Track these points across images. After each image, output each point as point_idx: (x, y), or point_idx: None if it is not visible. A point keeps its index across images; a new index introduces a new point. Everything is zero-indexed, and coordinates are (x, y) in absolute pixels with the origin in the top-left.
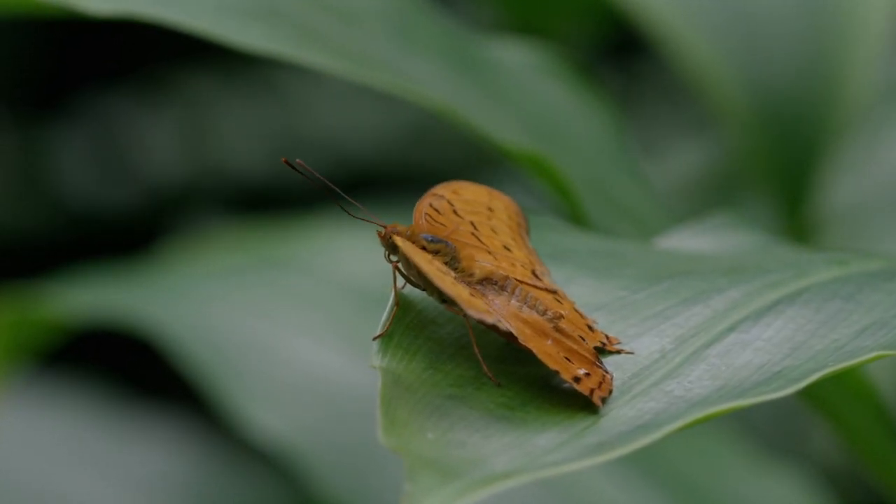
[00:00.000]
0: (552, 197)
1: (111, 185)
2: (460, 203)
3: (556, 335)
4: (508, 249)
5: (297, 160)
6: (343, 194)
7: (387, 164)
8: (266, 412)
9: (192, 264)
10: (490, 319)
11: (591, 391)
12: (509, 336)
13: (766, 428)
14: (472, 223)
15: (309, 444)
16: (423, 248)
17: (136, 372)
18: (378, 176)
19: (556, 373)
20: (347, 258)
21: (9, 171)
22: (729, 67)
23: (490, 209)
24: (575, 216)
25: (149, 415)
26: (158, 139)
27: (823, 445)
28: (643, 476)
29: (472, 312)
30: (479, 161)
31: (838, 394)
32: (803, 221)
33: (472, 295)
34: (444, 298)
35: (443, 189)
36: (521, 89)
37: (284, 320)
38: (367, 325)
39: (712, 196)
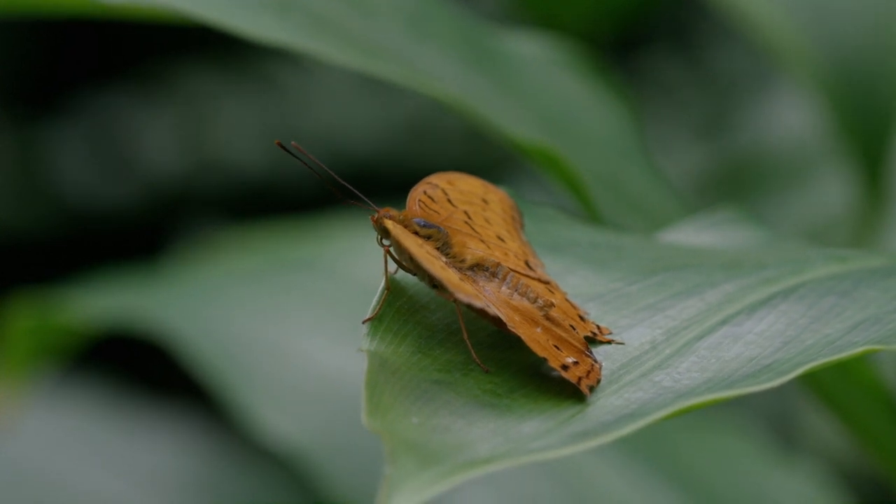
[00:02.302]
0: (562, 191)
1: (110, 182)
2: (455, 193)
3: (546, 323)
4: (502, 240)
5: (293, 142)
6: (337, 177)
7: (385, 159)
8: (277, 414)
9: (207, 267)
10: (478, 304)
11: (579, 379)
12: (498, 322)
13: (778, 426)
14: (465, 212)
15: (319, 446)
16: (416, 233)
17: (149, 371)
18: (376, 171)
19: (544, 360)
20: (363, 260)
21: (7, 170)
22: (806, 40)
23: (485, 201)
24: (585, 209)
25: (161, 413)
26: (156, 135)
27: (835, 443)
28: (655, 473)
29: (460, 296)
30: (480, 156)
31: (848, 392)
32: (880, 191)
33: (461, 279)
34: (435, 283)
35: (437, 178)
36: (535, 82)
37: (297, 322)
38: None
39: (719, 193)
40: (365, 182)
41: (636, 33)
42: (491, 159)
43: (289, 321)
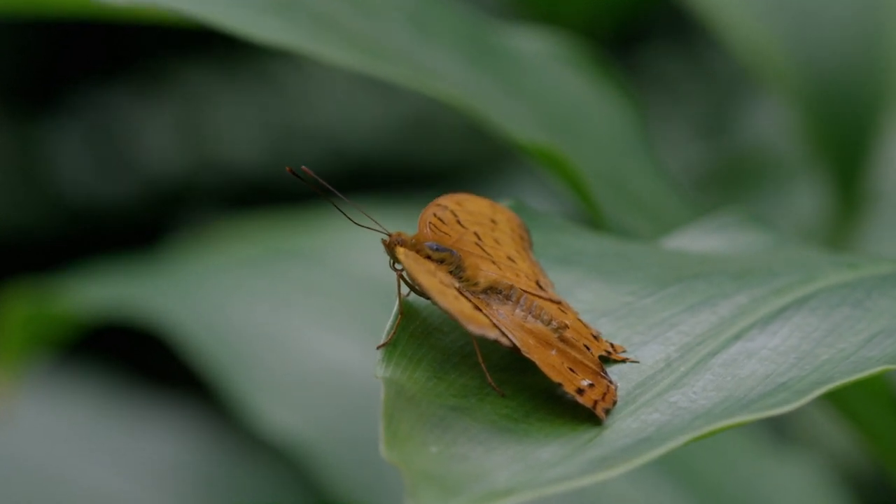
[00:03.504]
0: (564, 189)
1: (109, 180)
2: (464, 214)
3: (561, 345)
4: (512, 260)
5: (303, 167)
6: (348, 201)
7: (385, 157)
8: (278, 406)
9: (204, 257)
10: (491, 335)
11: (595, 403)
12: (513, 347)
13: (779, 422)
14: (475, 234)
15: (322, 438)
16: (428, 257)
17: (149, 363)
18: (376, 168)
19: (559, 385)
20: (361, 249)
21: (6, 167)
22: (783, 47)
23: (493, 221)
24: (587, 208)
25: (161, 406)
26: (156, 132)
27: (840, 443)
28: (661, 473)
29: (472, 329)
30: (480, 154)
31: (852, 390)
32: (855, 199)
33: (474, 308)
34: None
35: (446, 200)
36: (538, 79)
37: (297, 312)
38: (381, 317)
39: (715, 190)
40: (364, 178)
41: (636, 29)
42: (491, 156)
43: (287, 310)
